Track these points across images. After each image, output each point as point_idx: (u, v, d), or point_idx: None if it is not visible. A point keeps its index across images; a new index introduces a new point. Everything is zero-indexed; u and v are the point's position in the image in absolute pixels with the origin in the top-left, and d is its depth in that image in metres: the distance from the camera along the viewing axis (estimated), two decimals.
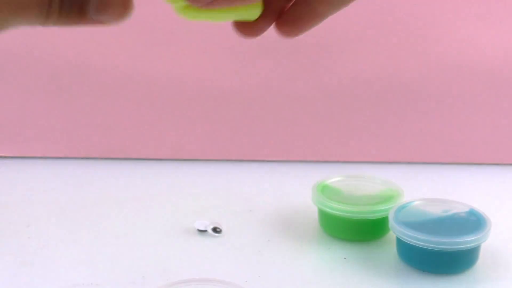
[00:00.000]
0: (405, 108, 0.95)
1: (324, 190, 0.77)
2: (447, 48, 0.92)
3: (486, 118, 0.95)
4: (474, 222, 0.69)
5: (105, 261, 0.71)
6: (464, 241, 0.66)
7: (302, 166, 0.97)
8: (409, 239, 0.67)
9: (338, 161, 0.98)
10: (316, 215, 0.78)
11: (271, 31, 0.95)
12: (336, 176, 0.80)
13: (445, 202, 0.73)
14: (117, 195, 0.87)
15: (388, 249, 0.73)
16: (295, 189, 0.89)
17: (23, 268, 0.69)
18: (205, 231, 0.76)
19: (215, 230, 0.76)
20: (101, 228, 0.78)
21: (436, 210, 0.72)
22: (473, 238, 0.66)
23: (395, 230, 0.69)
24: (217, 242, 0.75)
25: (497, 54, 0.92)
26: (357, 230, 0.74)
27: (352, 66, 0.94)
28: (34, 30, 0.93)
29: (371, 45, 0.93)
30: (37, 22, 0.42)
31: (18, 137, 0.98)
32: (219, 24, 0.93)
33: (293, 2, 0.52)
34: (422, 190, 0.88)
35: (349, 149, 0.97)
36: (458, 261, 0.67)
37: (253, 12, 0.51)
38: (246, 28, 0.53)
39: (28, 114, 0.97)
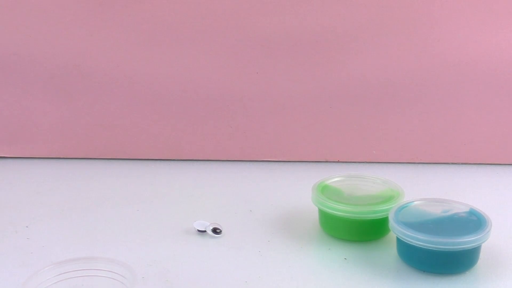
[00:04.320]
0: (405, 108, 0.95)
1: (324, 190, 0.77)
2: (447, 47, 0.92)
3: (486, 118, 0.95)
4: (474, 222, 0.69)
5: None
6: (465, 241, 0.66)
7: (302, 166, 0.97)
8: (409, 239, 0.67)
9: (338, 161, 0.98)
10: (316, 215, 0.78)
11: (271, 31, 0.96)
12: (336, 176, 0.80)
13: (445, 202, 0.73)
14: (117, 195, 0.87)
15: (388, 249, 0.73)
16: (295, 189, 0.89)
17: (22, 268, 0.69)
18: (204, 231, 0.76)
19: (215, 231, 0.76)
20: (101, 228, 0.78)
21: (436, 210, 0.72)
22: (473, 238, 0.66)
23: (395, 230, 0.69)
24: (217, 242, 0.75)
25: (497, 54, 0.92)
26: (357, 230, 0.74)
27: (352, 66, 0.94)
28: (33, 30, 0.93)
29: (371, 45, 0.93)
30: None
31: (18, 137, 0.98)
32: (220, 25, 0.93)
33: None
34: (422, 190, 0.88)
35: (349, 149, 0.97)
36: (458, 261, 0.67)
37: None
38: None
39: (28, 114, 0.97)
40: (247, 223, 0.80)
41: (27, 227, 0.78)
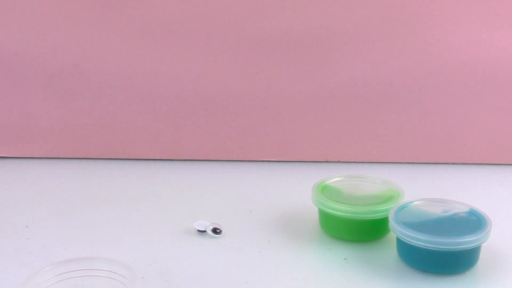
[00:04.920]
0: (405, 108, 0.95)
1: (324, 190, 0.77)
2: (447, 48, 0.92)
3: (486, 118, 0.95)
4: (474, 222, 0.69)
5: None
6: (465, 241, 0.66)
7: (302, 166, 0.97)
8: (409, 239, 0.67)
9: (338, 161, 0.98)
10: (316, 215, 0.78)
11: (271, 31, 0.96)
12: (336, 176, 0.80)
13: (445, 202, 0.73)
14: (117, 195, 0.87)
15: (388, 249, 0.73)
16: (295, 189, 0.89)
17: (22, 268, 0.69)
18: (204, 231, 0.76)
19: (215, 231, 0.76)
20: (101, 229, 0.78)
21: (436, 210, 0.72)
22: (473, 238, 0.66)
23: (395, 230, 0.69)
24: (217, 242, 0.75)
25: (497, 54, 0.92)
26: (357, 230, 0.74)
27: (352, 66, 0.94)
28: (34, 30, 0.93)
29: (371, 45, 0.93)
30: None
31: (18, 137, 0.98)
32: (219, 25, 0.93)
33: None
34: (422, 190, 0.88)
35: (349, 149, 0.97)
36: (458, 261, 0.67)
37: None
38: None
39: (28, 114, 0.97)
40: (247, 223, 0.80)
41: (27, 227, 0.78)
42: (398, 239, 0.70)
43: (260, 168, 0.97)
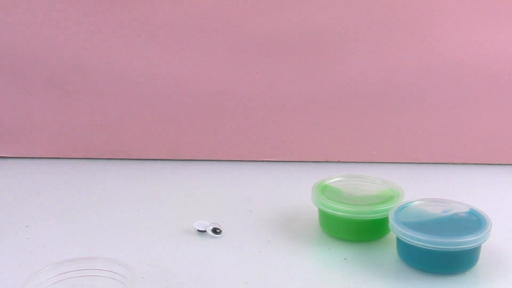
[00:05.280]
0: (405, 108, 0.95)
1: (324, 190, 0.77)
2: (448, 48, 0.92)
3: (486, 118, 0.95)
4: (474, 222, 0.69)
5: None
6: (465, 241, 0.66)
7: (302, 166, 0.97)
8: (409, 239, 0.67)
9: (338, 161, 0.98)
10: (316, 215, 0.78)
11: (271, 31, 0.96)
12: (336, 176, 0.80)
13: (445, 202, 0.73)
14: (117, 195, 0.87)
15: (388, 249, 0.73)
16: (295, 189, 0.89)
17: (22, 268, 0.69)
18: (204, 231, 0.76)
19: (215, 231, 0.76)
20: (101, 229, 0.78)
21: (436, 210, 0.72)
22: (473, 238, 0.66)
23: (395, 230, 0.69)
24: (217, 242, 0.75)
25: (497, 54, 0.92)
26: (357, 230, 0.74)
27: (352, 66, 0.94)
28: (34, 30, 0.93)
29: (371, 45, 0.93)
30: None
31: (18, 137, 0.98)
32: (220, 25, 0.93)
33: None
34: (422, 190, 0.88)
35: (349, 149, 0.97)
36: (458, 261, 0.67)
37: None
38: None
39: (28, 114, 0.97)
40: (247, 223, 0.80)
41: (27, 227, 0.78)
42: (398, 239, 0.70)
43: (260, 168, 0.97)
